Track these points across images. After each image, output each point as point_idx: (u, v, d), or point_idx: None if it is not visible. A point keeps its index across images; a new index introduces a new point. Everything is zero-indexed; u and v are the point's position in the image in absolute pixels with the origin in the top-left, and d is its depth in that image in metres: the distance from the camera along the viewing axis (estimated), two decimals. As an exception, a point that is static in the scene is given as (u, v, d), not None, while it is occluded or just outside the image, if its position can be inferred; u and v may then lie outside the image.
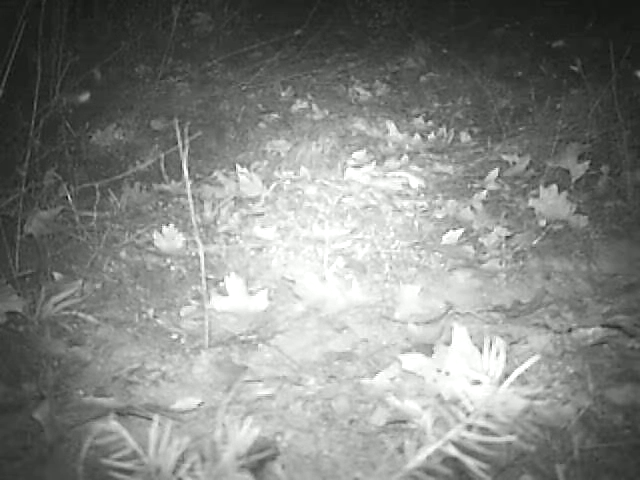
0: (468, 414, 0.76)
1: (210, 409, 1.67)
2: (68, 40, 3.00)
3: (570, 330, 1.86)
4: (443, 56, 3.98)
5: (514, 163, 2.73)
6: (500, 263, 2.18)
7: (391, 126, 3.08)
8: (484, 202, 2.49)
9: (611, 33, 3.21)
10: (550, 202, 2.40)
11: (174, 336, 1.94)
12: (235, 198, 2.56)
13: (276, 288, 2.11)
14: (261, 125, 3.24)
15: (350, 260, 2.23)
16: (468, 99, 3.49)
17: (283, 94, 3.55)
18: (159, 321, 1.99)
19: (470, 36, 4.20)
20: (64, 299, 2.02)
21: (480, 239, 2.29)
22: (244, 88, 3.55)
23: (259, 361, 1.84)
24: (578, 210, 2.39)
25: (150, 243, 2.32)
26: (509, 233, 2.29)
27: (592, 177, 2.60)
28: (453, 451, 0.75)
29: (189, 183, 1.78)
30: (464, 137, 3.06)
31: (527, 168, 2.70)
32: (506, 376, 0.77)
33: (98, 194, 2.42)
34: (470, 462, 0.74)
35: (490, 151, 2.90)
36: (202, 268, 1.86)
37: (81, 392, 1.72)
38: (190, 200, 1.80)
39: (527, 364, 0.81)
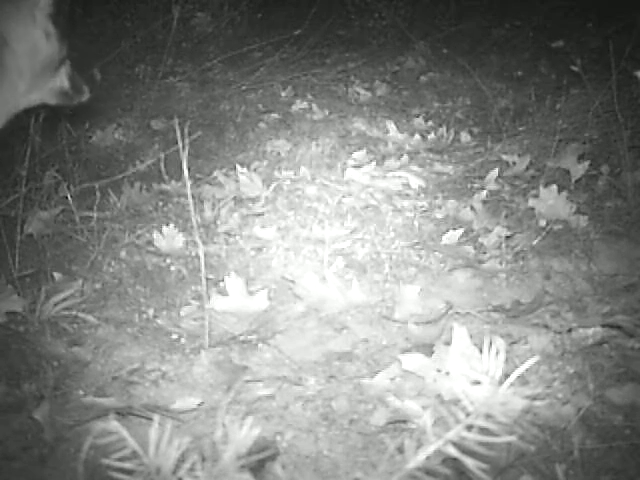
0: (468, 414, 0.76)
1: (210, 409, 1.67)
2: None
3: (570, 330, 1.86)
4: (443, 56, 3.98)
5: (514, 163, 2.73)
6: (500, 263, 2.18)
7: (391, 126, 3.08)
8: (484, 202, 2.49)
9: (611, 33, 3.21)
10: (550, 202, 2.40)
11: (174, 336, 1.94)
12: (235, 198, 2.56)
13: (276, 288, 2.11)
14: (261, 125, 3.24)
15: (350, 260, 2.23)
16: (468, 99, 3.49)
17: (283, 94, 3.55)
18: (159, 321, 1.99)
19: (470, 36, 4.20)
20: (64, 299, 2.02)
21: (480, 239, 2.29)
22: (244, 88, 3.55)
23: (259, 361, 1.84)
24: (578, 210, 2.39)
25: (150, 243, 2.32)
26: (509, 233, 2.29)
27: (592, 177, 2.60)
28: (453, 451, 0.75)
29: (189, 183, 1.78)
30: (464, 137, 3.06)
31: (527, 168, 2.69)
32: (506, 376, 0.77)
33: (98, 194, 2.42)
34: (470, 462, 0.74)
35: (490, 151, 2.89)
36: (202, 268, 1.86)
37: (81, 392, 1.73)
38: (190, 200, 1.80)
39: (527, 364, 0.81)
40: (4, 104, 1.63)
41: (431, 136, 3.05)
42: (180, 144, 1.70)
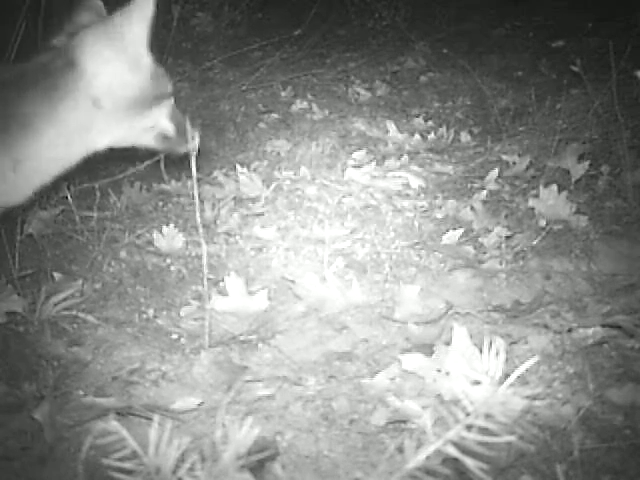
0: (468, 414, 0.76)
1: (210, 409, 1.67)
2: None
3: (570, 330, 1.86)
4: (443, 56, 3.97)
5: (514, 163, 2.73)
6: (500, 263, 2.18)
7: (391, 126, 3.08)
8: (484, 202, 2.49)
9: (611, 33, 3.21)
10: (550, 202, 2.40)
11: (174, 336, 1.94)
12: (235, 198, 2.56)
13: (276, 288, 2.11)
14: (261, 125, 3.24)
15: (350, 260, 2.23)
16: (468, 99, 3.49)
17: (283, 94, 3.55)
18: (159, 321, 2.00)
19: (470, 36, 4.20)
20: (64, 299, 2.02)
21: (480, 239, 2.29)
22: (244, 88, 3.54)
23: (259, 361, 1.84)
24: (578, 210, 2.38)
25: (150, 243, 2.32)
26: (509, 233, 2.29)
27: (592, 177, 2.60)
28: (453, 451, 0.76)
29: (196, 184, 1.78)
30: (464, 137, 3.06)
31: (527, 168, 2.69)
32: (506, 376, 0.77)
33: (98, 194, 2.42)
34: (470, 462, 0.74)
35: (490, 151, 2.89)
36: (204, 268, 1.86)
37: (81, 392, 1.73)
38: (197, 200, 1.80)
39: (527, 364, 0.81)
40: (70, 138, 1.46)
41: (431, 136, 3.04)
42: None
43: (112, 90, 1.47)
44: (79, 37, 1.45)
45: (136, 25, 1.48)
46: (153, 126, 1.57)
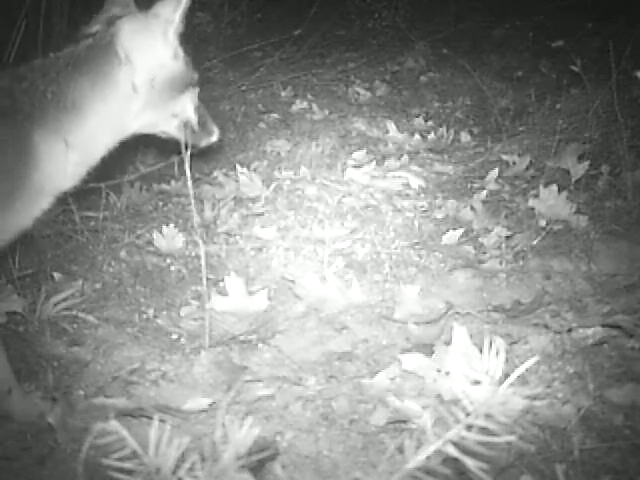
0: (468, 414, 0.76)
1: (210, 409, 1.67)
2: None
3: (570, 330, 1.86)
4: (443, 56, 3.98)
5: (514, 163, 2.73)
6: (500, 263, 2.18)
7: (391, 126, 3.08)
8: (484, 202, 2.49)
9: (611, 33, 3.21)
10: (550, 202, 2.40)
11: (174, 336, 1.94)
12: (235, 198, 2.56)
13: (276, 288, 2.11)
14: (261, 125, 3.24)
15: (350, 260, 2.23)
16: (468, 99, 3.49)
17: (283, 94, 3.55)
18: (159, 321, 1.99)
19: (470, 36, 4.20)
20: (64, 299, 2.02)
21: (480, 239, 2.29)
22: (244, 88, 3.54)
23: (259, 361, 1.84)
24: (578, 210, 2.39)
25: (150, 243, 2.32)
26: (509, 233, 2.29)
27: (592, 177, 2.60)
28: (453, 451, 0.75)
29: (191, 183, 1.78)
30: (464, 137, 3.06)
31: (527, 168, 2.69)
32: (506, 376, 0.77)
33: (98, 194, 2.42)
34: (470, 462, 0.74)
35: (490, 151, 2.89)
36: (203, 268, 1.86)
37: (81, 392, 1.73)
38: (193, 200, 1.80)
39: (527, 364, 0.81)
40: (112, 121, 1.57)
41: (431, 136, 3.05)
42: (183, 145, 1.71)
43: (151, 76, 1.57)
44: (117, 26, 1.55)
45: (176, 15, 1.58)
46: (179, 114, 1.66)
